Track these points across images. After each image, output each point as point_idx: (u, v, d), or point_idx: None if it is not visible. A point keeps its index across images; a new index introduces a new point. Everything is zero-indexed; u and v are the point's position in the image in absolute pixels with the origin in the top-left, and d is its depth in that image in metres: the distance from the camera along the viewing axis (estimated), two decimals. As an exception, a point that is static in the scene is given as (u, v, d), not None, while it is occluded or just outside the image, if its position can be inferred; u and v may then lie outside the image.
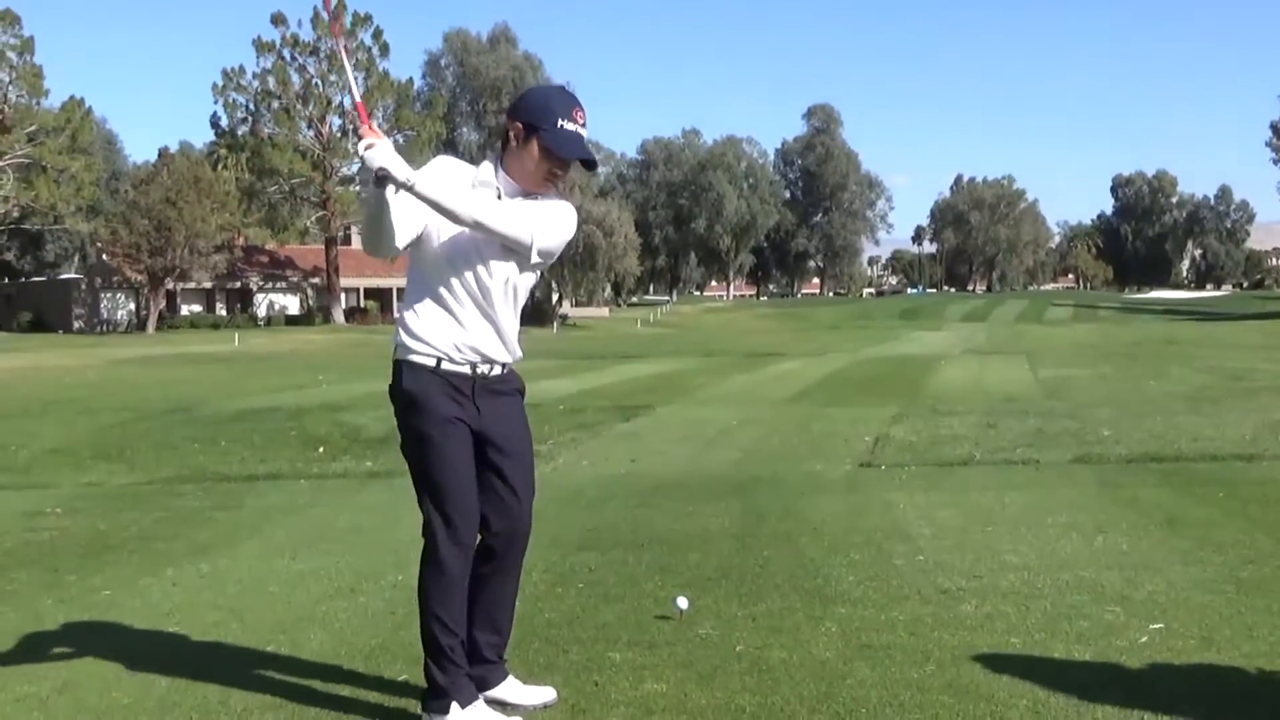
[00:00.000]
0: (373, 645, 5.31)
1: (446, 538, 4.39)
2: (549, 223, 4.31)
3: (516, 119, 4.31)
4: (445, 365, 4.31)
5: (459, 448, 4.35)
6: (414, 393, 4.31)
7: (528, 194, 4.33)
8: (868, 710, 4.38)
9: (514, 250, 4.25)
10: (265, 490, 10.28)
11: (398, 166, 3.97)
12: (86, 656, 5.23)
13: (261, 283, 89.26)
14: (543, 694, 4.59)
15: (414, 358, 4.32)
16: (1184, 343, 38.65)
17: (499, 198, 4.30)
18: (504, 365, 4.43)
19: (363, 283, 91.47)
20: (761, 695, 4.56)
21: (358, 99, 4.42)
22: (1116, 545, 7.07)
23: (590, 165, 4.43)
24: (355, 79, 4.96)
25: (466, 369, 4.33)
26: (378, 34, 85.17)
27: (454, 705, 4.29)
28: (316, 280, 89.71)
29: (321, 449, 13.64)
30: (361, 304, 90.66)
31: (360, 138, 4.07)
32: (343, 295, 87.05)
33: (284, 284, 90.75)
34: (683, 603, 5.60)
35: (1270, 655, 4.92)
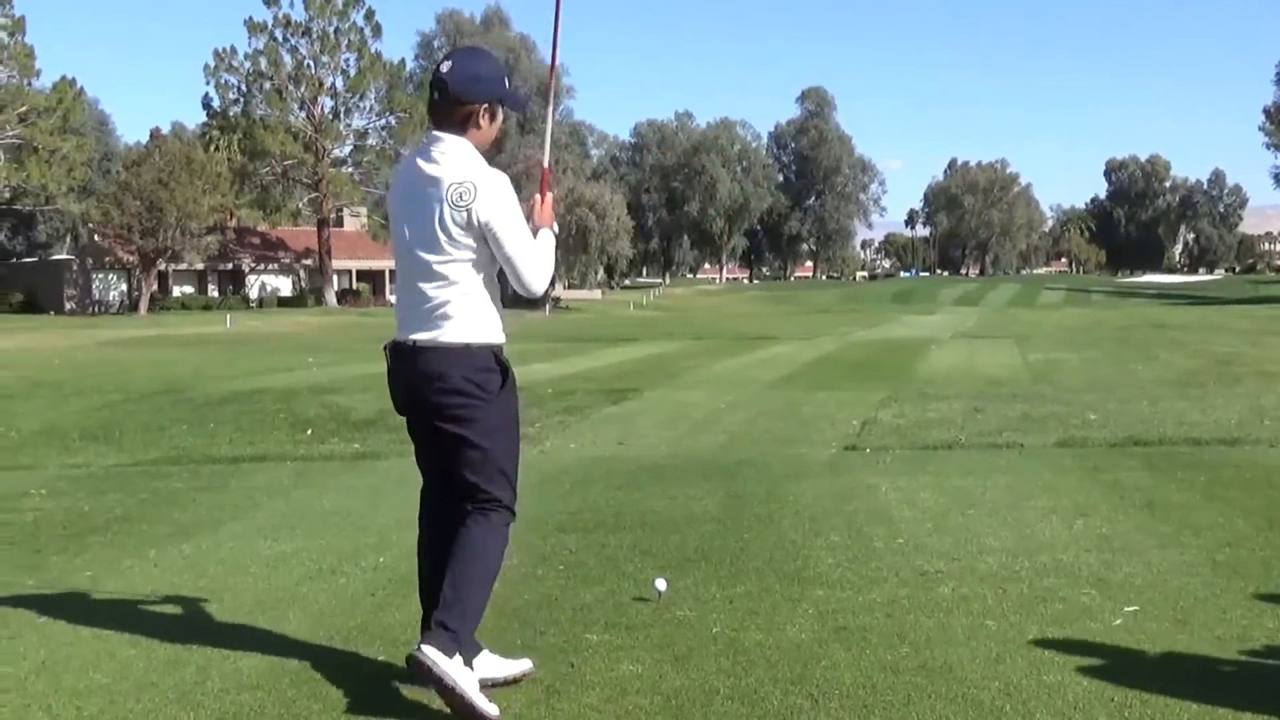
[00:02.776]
0: (351, 627, 5.33)
1: (513, 515, 4.56)
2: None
3: (483, 100, 4.38)
4: (504, 339, 4.51)
5: None
6: (511, 373, 4.47)
7: None
8: (841, 692, 4.41)
9: None
10: (250, 472, 10.27)
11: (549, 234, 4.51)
12: (66, 637, 5.24)
13: (253, 264, 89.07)
14: (518, 665, 4.63)
15: (499, 339, 4.46)
16: (1174, 327, 38.65)
17: None
18: None
19: (355, 264, 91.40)
20: (736, 677, 4.58)
21: (545, 164, 4.71)
22: (1096, 528, 7.10)
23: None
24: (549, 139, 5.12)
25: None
26: (369, 14, 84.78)
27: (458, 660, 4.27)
28: (309, 262, 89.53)
29: (310, 431, 13.63)
30: (354, 286, 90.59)
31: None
32: (335, 277, 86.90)
33: (276, 265, 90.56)
34: (661, 585, 5.62)
35: (1243, 638, 4.96)
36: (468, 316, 4.36)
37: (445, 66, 4.38)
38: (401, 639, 5.06)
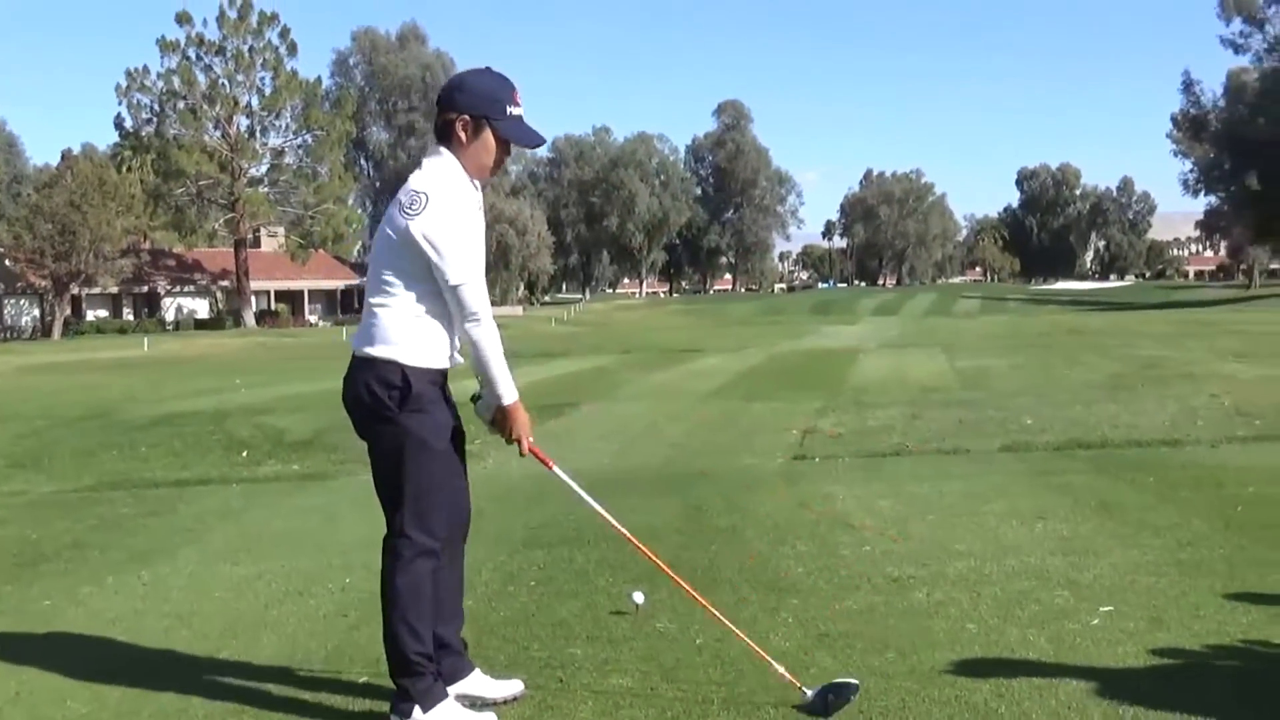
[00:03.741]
0: (329, 648, 5.26)
1: (422, 544, 4.31)
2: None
3: (462, 112, 4.24)
4: (437, 367, 4.32)
5: (453, 451, 4.39)
6: (419, 394, 4.26)
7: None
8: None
9: None
10: (196, 496, 10.11)
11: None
12: (35, 667, 5.12)
13: (169, 286, 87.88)
14: (511, 687, 4.59)
15: (415, 360, 4.26)
16: (1093, 332, 39.23)
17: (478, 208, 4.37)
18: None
19: (273, 285, 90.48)
20: (728, 687, 4.58)
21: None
22: (1057, 531, 7.18)
23: (539, 145, 4.48)
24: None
25: (447, 365, 4.37)
26: (285, 33, 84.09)
27: (416, 709, 4.25)
28: (226, 283, 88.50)
29: (245, 453, 13.45)
30: (272, 306, 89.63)
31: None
32: (253, 298, 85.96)
33: (192, 287, 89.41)
34: (639, 597, 5.61)
35: (1219, 634, 5.04)
36: (392, 331, 4.25)
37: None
38: (379, 658, 4.97)
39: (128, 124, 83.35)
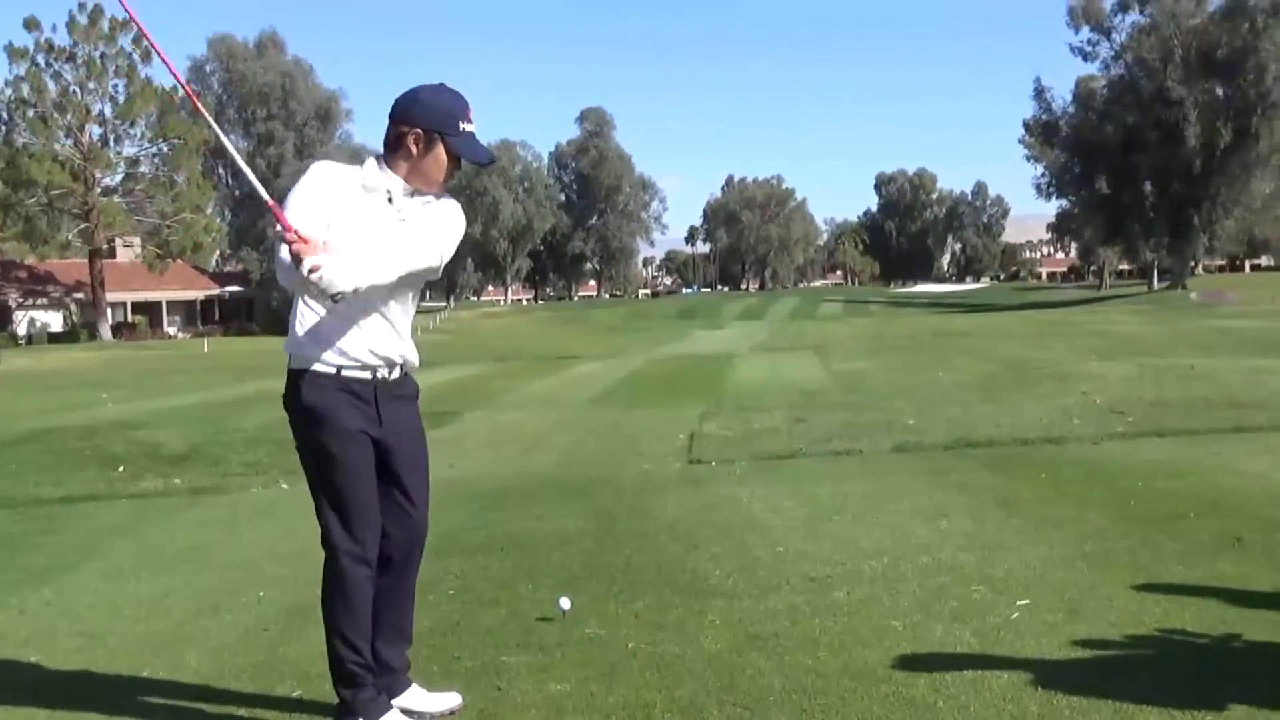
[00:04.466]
0: (255, 663, 5.15)
1: (350, 554, 4.25)
2: (448, 234, 4.31)
3: (415, 125, 4.22)
4: (346, 372, 4.22)
5: (363, 461, 4.26)
6: (315, 404, 4.19)
7: (416, 192, 4.29)
8: (774, 698, 4.45)
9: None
10: (87, 512, 9.85)
11: (346, 279, 3.99)
12: (-52, 691, 4.95)
13: (20, 299, 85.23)
14: (448, 699, 4.55)
15: (315, 366, 4.20)
16: (957, 334, 40.11)
17: (389, 200, 4.25)
18: (402, 368, 4.37)
19: (130, 296, 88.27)
20: (666, 690, 4.59)
21: (268, 199, 4.23)
22: (962, 528, 7.33)
23: (491, 163, 4.49)
24: (254, 178, 4.47)
25: (368, 375, 4.25)
26: (138, 39, 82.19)
27: None
28: (80, 295, 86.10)
29: (122, 468, 13.14)
30: (129, 318, 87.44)
31: (287, 244, 3.99)
32: (109, 310, 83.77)
33: (45, 300, 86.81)
34: (565, 603, 5.60)
35: (1134, 623, 5.17)
36: (294, 332, 4.31)
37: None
38: (312, 671, 4.94)
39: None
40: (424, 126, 4.22)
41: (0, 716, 4.61)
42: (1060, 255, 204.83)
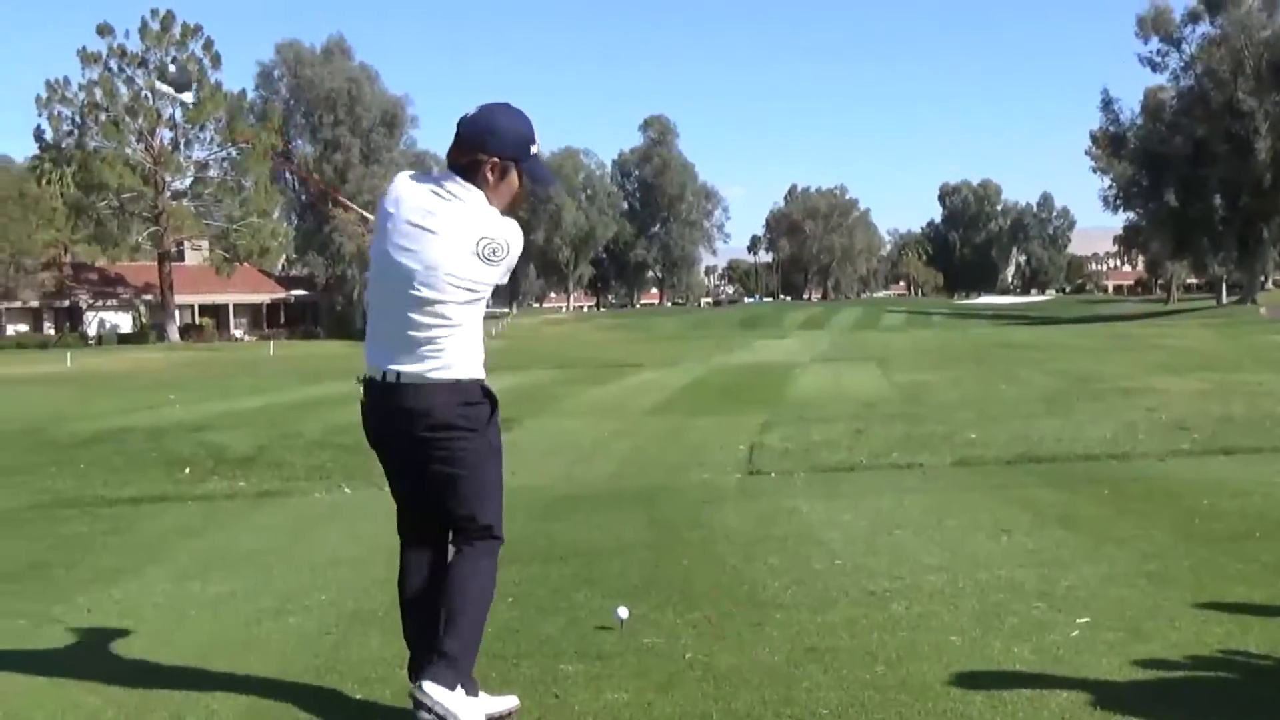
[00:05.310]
0: (316, 666, 5.21)
1: (500, 541, 4.62)
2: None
3: (492, 155, 4.25)
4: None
5: None
6: (497, 404, 4.46)
7: None
8: (829, 712, 4.45)
9: None
10: (153, 513, 9.99)
11: None
12: (19, 688, 5.03)
13: (91, 300, 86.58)
14: (506, 702, 4.60)
15: (482, 375, 4.40)
16: (1021, 346, 39.79)
17: None
18: None
19: (197, 299, 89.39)
20: (723, 702, 4.60)
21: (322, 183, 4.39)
22: (1022, 544, 7.29)
23: (552, 185, 4.68)
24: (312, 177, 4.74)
25: None
26: (208, 45, 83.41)
27: (460, 690, 4.30)
28: (149, 297, 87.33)
29: (188, 470, 13.31)
30: (197, 320, 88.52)
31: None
32: (177, 312, 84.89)
33: (115, 301, 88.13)
34: (623, 613, 5.61)
35: (1197, 644, 5.12)
36: (458, 353, 4.29)
37: (470, 111, 4.32)
38: (372, 676, 5.01)
39: (48, 136, 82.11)
40: (500, 155, 4.27)
41: (70, 715, 4.69)
42: (1127, 268, 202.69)
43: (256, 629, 5.92)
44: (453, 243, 4.20)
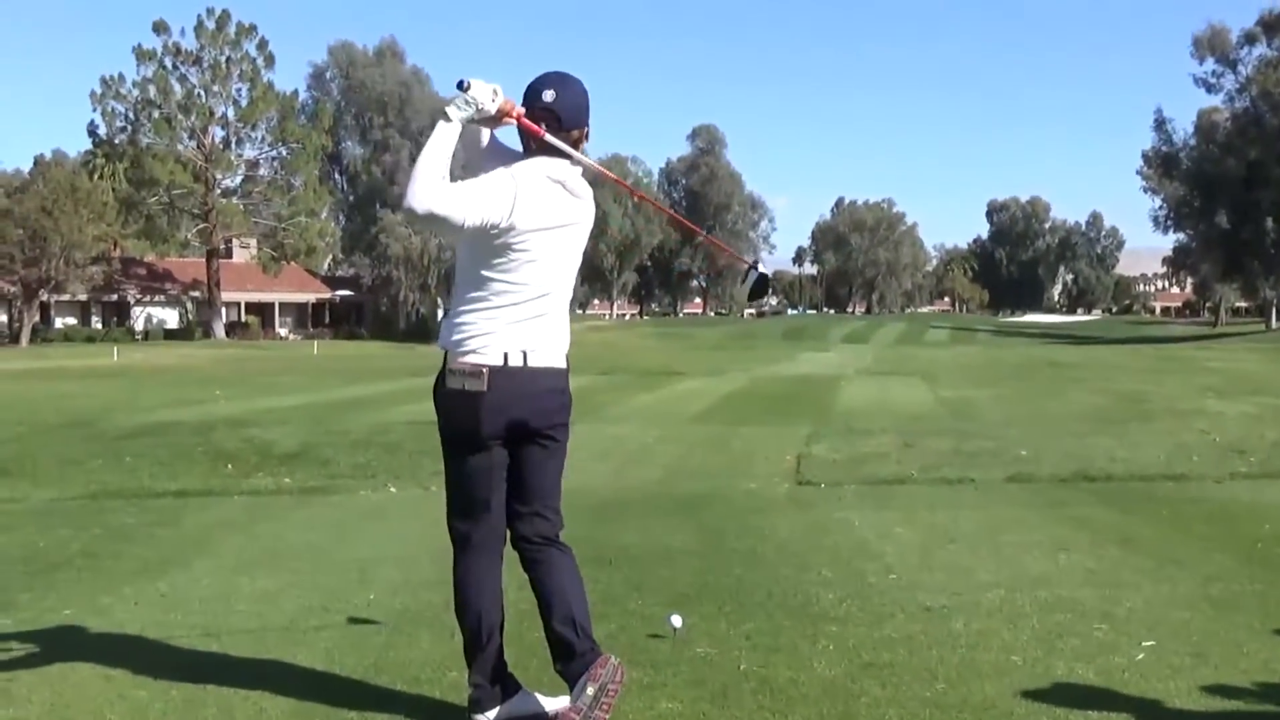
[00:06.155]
0: (366, 665, 5.15)
1: None
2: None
3: (584, 125, 4.27)
4: None
5: None
6: None
7: None
8: (891, 729, 4.35)
9: None
10: (199, 507, 9.98)
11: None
12: (66, 678, 4.98)
13: (139, 295, 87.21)
14: (560, 701, 4.51)
15: None
16: (1068, 365, 39.44)
17: None
18: None
19: (244, 297, 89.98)
20: (780, 715, 4.50)
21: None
22: (1081, 563, 7.15)
23: None
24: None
25: None
26: (262, 44, 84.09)
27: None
28: (196, 293, 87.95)
29: (231, 465, 13.32)
30: (243, 318, 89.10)
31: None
32: (224, 309, 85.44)
33: (162, 297, 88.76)
34: (677, 621, 5.51)
35: (1265, 671, 4.99)
36: (567, 337, 4.37)
37: (549, 96, 4.19)
38: (422, 676, 4.95)
39: (101, 131, 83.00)
40: (588, 124, 4.31)
41: (117, 707, 4.64)
42: (1175, 290, 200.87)
43: (304, 625, 5.86)
44: (585, 228, 4.29)
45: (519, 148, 4.33)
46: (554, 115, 4.16)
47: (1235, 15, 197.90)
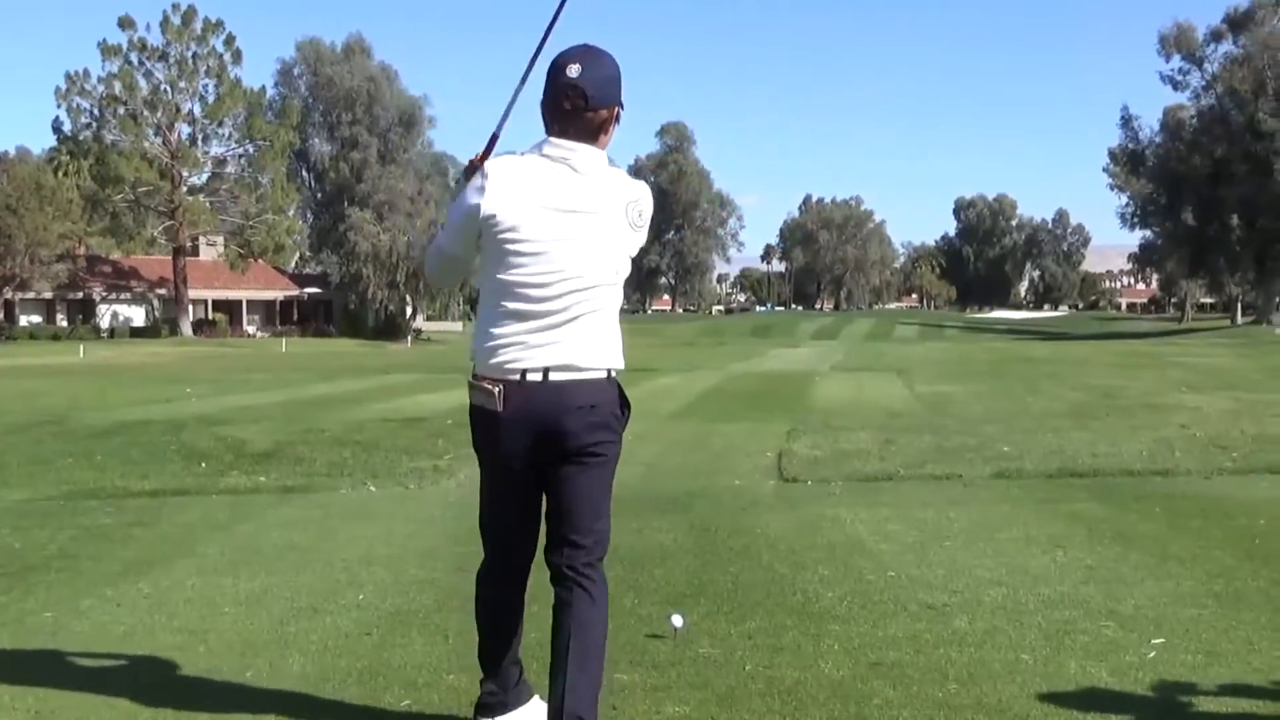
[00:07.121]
0: (359, 669, 5.00)
1: None
2: None
3: (614, 103, 3.93)
4: None
5: None
6: (629, 405, 4.14)
7: None
8: (905, 731, 4.24)
9: None
10: (178, 506, 9.76)
11: None
12: (49, 684, 4.82)
13: (105, 293, 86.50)
14: None
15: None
16: (1039, 360, 39.47)
17: None
18: None
19: (211, 294, 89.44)
20: (791, 717, 4.39)
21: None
22: (1080, 560, 7.06)
23: None
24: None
25: None
26: (229, 40, 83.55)
27: None
28: (163, 291, 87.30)
29: (204, 464, 13.10)
30: (210, 316, 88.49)
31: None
32: (190, 307, 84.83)
33: (128, 295, 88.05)
34: (678, 620, 5.39)
35: (1277, 668, 4.91)
36: (612, 342, 3.98)
37: (574, 70, 3.83)
38: (418, 680, 4.83)
39: (66, 128, 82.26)
40: (621, 102, 4.00)
41: (103, 712, 4.49)
42: (1141, 286, 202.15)
43: (293, 626, 5.70)
44: (612, 219, 3.90)
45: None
46: (580, 92, 3.82)
47: (1202, 13, 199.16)
